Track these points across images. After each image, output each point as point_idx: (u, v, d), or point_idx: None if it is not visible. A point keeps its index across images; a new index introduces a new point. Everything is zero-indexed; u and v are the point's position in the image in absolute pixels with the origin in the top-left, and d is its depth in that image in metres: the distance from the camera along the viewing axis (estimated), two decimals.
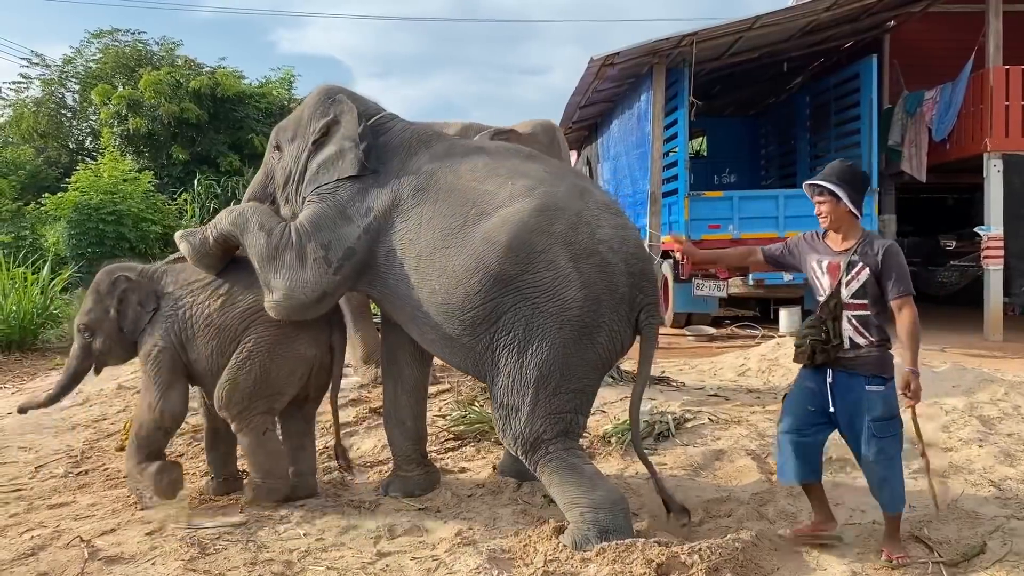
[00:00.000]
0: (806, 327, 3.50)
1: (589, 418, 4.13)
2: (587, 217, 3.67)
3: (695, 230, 10.69)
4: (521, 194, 3.69)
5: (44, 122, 23.36)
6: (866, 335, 3.39)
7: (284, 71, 23.49)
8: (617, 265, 3.61)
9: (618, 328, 3.62)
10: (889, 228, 12.27)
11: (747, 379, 7.41)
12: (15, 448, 5.50)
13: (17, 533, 3.88)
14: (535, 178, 3.81)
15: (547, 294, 3.52)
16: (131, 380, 6.95)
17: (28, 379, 8.42)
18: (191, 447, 5.18)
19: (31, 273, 10.64)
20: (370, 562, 3.46)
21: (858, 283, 3.37)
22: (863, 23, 11.80)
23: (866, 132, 11.26)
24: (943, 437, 5.10)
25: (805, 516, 3.84)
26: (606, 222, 3.70)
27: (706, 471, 4.53)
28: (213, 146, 20.72)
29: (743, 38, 10.83)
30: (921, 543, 3.54)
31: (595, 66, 10.62)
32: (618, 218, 3.81)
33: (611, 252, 3.61)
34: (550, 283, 3.52)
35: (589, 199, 3.78)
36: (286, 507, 4.08)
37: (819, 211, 3.50)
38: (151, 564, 3.46)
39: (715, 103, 14.69)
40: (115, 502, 4.28)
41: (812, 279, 3.57)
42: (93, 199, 16.35)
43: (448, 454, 4.92)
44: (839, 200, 3.43)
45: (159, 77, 20.16)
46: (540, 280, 3.52)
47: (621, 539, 3.33)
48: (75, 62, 23.90)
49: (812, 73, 14.03)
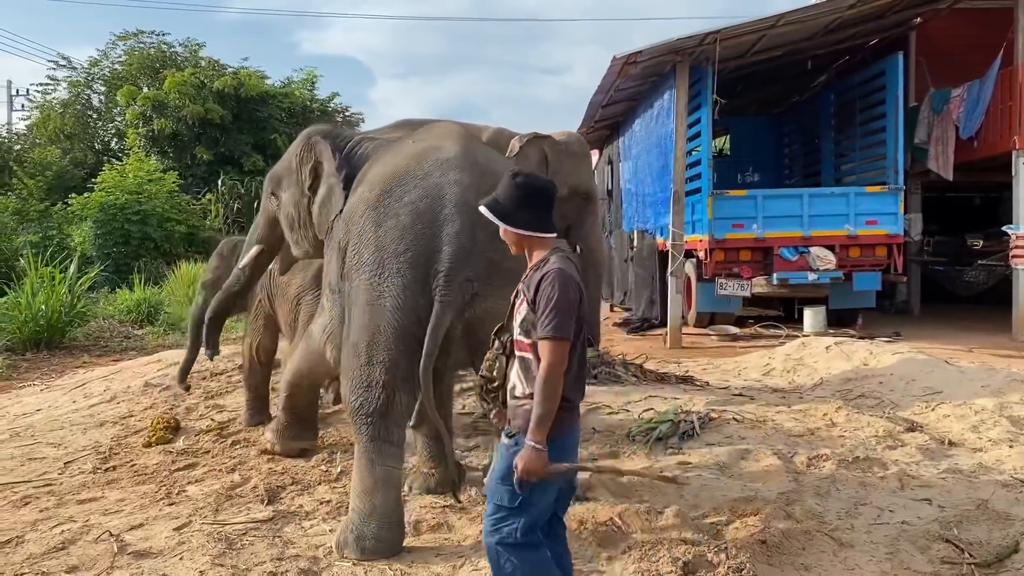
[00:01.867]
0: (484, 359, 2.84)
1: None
2: (408, 179, 3.68)
3: (718, 229, 10.62)
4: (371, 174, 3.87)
5: (71, 123, 23.66)
6: (523, 383, 2.64)
7: (307, 71, 23.72)
8: (414, 227, 3.53)
9: (400, 294, 3.48)
10: (915, 227, 12.14)
11: (772, 379, 7.37)
12: (45, 444, 5.57)
13: (48, 527, 3.93)
14: (393, 153, 3.94)
15: (354, 260, 3.64)
16: (157, 378, 7.02)
17: (56, 376, 8.52)
18: (217, 444, 5.21)
19: (59, 272, 10.76)
20: (395, 557, 3.46)
21: (519, 316, 2.67)
22: (888, 20, 11.68)
23: (891, 130, 11.15)
24: (972, 437, 5.04)
25: (833, 516, 3.80)
26: (428, 182, 3.63)
27: (732, 470, 4.49)
28: (237, 146, 20.90)
29: (766, 36, 10.76)
30: (951, 544, 3.50)
31: (617, 65, 10.58)
32: (450, 175, 3.61)
33: (412, 214, 3.56)
34: (357, 249, 3.64)
35: (426, 160, 3.74)
36: (312, 503, 4.10)
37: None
38: (179, 559, 3.48)
39: (738, 101, 14.58)
40: (142, 498, 4.32)
41: None
42: (119, 199, 16.56)
43: (473, 451, 4.92)
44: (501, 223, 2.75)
45: (183, 78, 20.36)
46: (352, 247, 3.68)
47: (375, 556, 3.40)
48: (101, 64, 24.21)
49: (836, 71, 13.90)
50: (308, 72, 23.66)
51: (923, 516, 3.80)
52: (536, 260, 2.70)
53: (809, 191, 11.24)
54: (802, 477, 4.33)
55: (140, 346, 10.52)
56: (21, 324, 9.95)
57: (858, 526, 3.69)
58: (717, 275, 10.70)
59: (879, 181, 11.19)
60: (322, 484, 4.38)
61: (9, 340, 9.77)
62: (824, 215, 10.70)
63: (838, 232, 10.65)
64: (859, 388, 6.57)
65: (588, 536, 3.51)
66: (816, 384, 6.90)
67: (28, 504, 4.34)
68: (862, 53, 13.13)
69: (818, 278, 10.50)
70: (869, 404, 6.00)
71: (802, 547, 3.46)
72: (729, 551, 3.26)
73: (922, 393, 6.17)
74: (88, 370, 8.59)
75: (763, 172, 15.30)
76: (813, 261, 10.47)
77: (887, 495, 4.06)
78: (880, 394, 6.32)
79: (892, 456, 4.67)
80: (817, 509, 3.92)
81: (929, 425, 5.36)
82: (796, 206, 10.78)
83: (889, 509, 3.92)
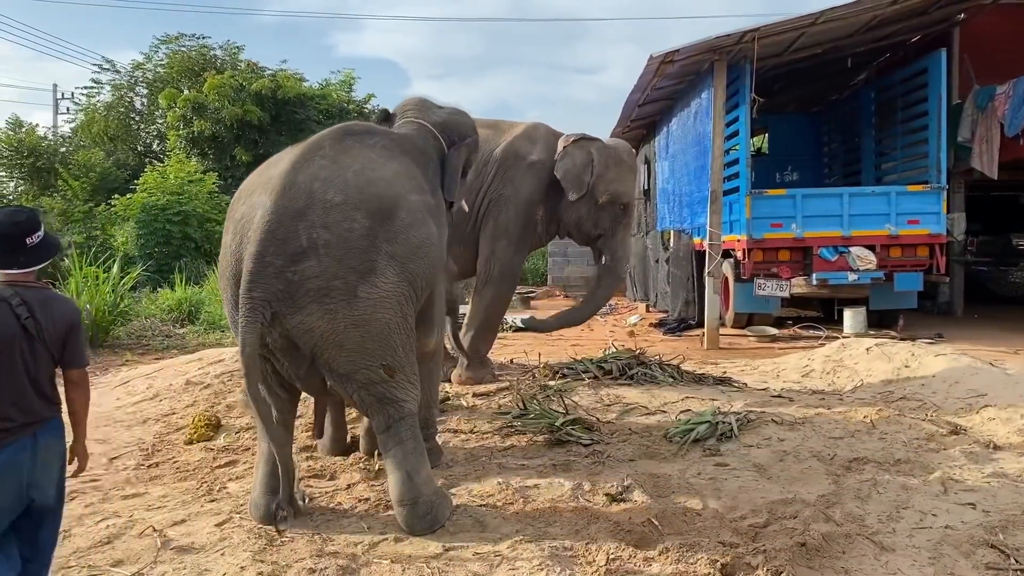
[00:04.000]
0: None
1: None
2: (242, 194, 3.89)
3: (757, 229, 10.52)
4: None
5: (114, 125, 24.12)
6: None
7: (345, 73, 23.94)
8: (231, 246, 3.75)
9: (231, 313, 3.80)
10: (958, 227, 11.94)
11: (811, 380, 7.29)
12: (91, 440, 5.63)
13: (93, 522, 4.01)
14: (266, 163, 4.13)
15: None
16: (198, 376, 7.12)
17: (100, 374, 8.68)
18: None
19: (102, 272, 10.96)
20: (433, 556, 3.48)
21: None
22: (931, 16, 11.49)
23: (934, 128, 10.95)
24: (1019, 441, 4.95)
25: (874, 519, 3.75)
26: (252, 200, 3.76)
27: (770, 472, 4.45)
28: (275, 147, 20.93)
29: (806, 34, 10.62)
30: (996, 549, 3.43)
31: (654, 64, 10.53)
32: (264, 196, 3.68)
33: (232, 232, 3.76)
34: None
35: (263, 175, 3.91)
36: (350, 501, 4.14)
37: None
38: (220, 554, 3.53)
39: (777, 100, 14.43)
40: (184, 494, 4.40)
41: None
42: (160, 200, 16.83)
43: (508, 452, 4.93)
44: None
45: (222, 80, 20.64)
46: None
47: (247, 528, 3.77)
48: (144, 67, 24.65)
49: (877, 68, 13.70)
50: (346, 74, 23.93)
51: (967, 520, 3.73)
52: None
53: (849, 190, 11.08)
54: (842, 480, 4.28)
55: (181, 345, 10.69)
56: None
57: (900, 530, 3.64)
58: (755, 275, 10.59)
59: (921, 180, 11.00)
60: (361, 483, 4.42)
61: None
62: (865, 214, 10.54)
63: (879, 232, 10.50)
64: (900, 390, 6.47)
65: (625, 537, 3.51)
66: (856, 386, 6.81)
67: (75, 499, 4.42)
68: (904, 50, 12.93)
69: (858, 278, 10.36)
70: (911, 407, 5.91)
71: (842, 550, 3.42)
72: (768, 553, 3.23)
73: (966, 396, 6.07)
74: (131, 368, 8.74)
75: (802, 171, 15.12)
76: (853, 261, 10.33)
77: (930, 499, 4.00)
78: (922, 397, 6.22)
79: (935, 459, 4.60)
80: (857, 512, 3.87)
81: (973, 428, 5.27)
82: (836, 205, 10.64)
83: (932, 513, 3.85)
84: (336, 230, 3.59)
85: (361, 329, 3.64)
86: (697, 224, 11.53)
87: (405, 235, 3.75)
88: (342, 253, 3.58)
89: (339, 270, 3.57)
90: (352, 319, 3.61)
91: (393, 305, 3.71)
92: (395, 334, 3.74)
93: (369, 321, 3.64)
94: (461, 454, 4.85)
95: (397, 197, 3.81)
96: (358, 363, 3.69)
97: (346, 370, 3.71)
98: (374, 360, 3.70)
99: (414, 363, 3.93)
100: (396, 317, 3.73)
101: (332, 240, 3.57)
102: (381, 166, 3.95)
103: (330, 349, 3.65)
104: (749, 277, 10.65)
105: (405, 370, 3.82)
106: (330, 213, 3.61)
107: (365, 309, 3.63)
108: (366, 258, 3.62)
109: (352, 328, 3.62)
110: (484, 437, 5.12)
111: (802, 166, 15.25)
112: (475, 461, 4.72)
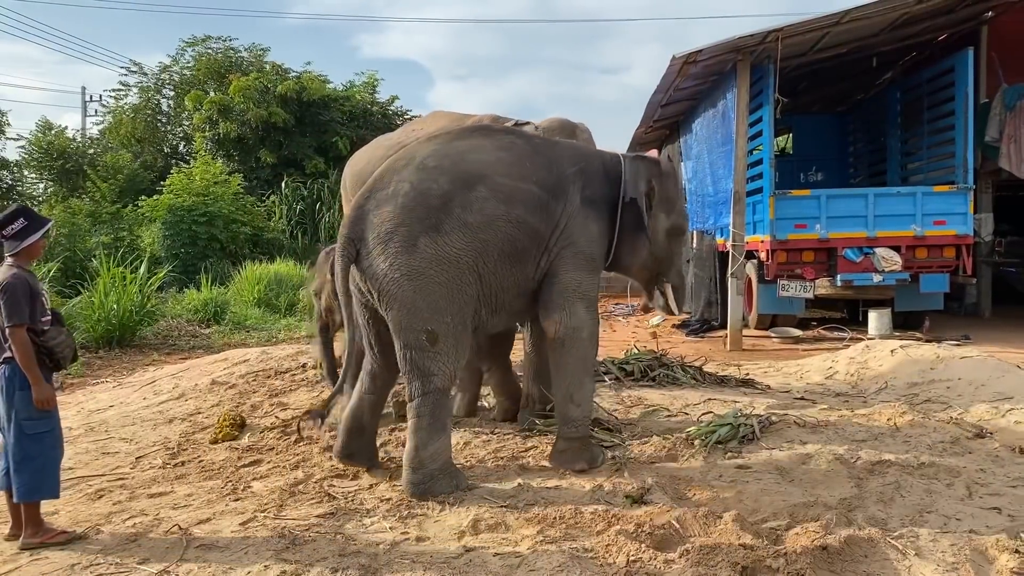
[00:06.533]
0: None
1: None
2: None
3: (781, 229, 10.44)
4: None
5: (141, 127, 24.36)
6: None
7: (368, 75, 23.95)
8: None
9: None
10: (985, 227, 11.78)
11: (835, 382, 7.24)
12: (117, 439, 5.77)
13: (120, 520, 4.08)
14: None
15: None
16: (223, 376, 7.20)
17: (127, 373, 8.80)
18: (281, 441, 5.33)
19: (129, 272, 11.10)
20: (454, 556, 3.50)
21: None
22: (958, 15, 11.36)
23: (961, 128, 10.81)
24: None
25: (896, 523, 3.73)
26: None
27: (792, 474, 4.43)
28: (299, 149, 21.26)
29: (830, 33, 10.54)
30: (1022, 555, 3.39)
31: (677, 64, 10.49)
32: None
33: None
34: None
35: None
36: (373, 501, 4.18)
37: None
38: (244, 553, 3.58)
39: (801, 99, 14.33)
40: (209, 493, 4.45)
41: None
42: (186, 201, 17.00)
43: (529, 453, 4.94)
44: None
45: (248, 82, 20.78)
46: None
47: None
48: (170, 70, 24.86)
49: (903, 67, 13.56)
50: (370, 76, 23.92)
51: (992, 525, 3.69)
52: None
53: (874, 191, 10.98)
54: (865, 483, 4.25)
55: (207, 345, 10.81)
56: (95, 323, 10.31)
57: (923, 534, 3.60)
58: (779, 276, 10.52)
59: (948, 180, 10.88)
60: (383, 482, 4.45)
61: (83, 338, 10.11)
62: (890, 215, 10.44)
63: (904, 232, 10.39)
64: (925, 393, 6.42)
65: (645, 538, 3.51)
66: (880, 388, 6.75)
67: (102, 497, 4.51)
68: (930, 49, 12.79)
69: (883, 280, 10.27)
70: (936, 409, 5.85)
71: (864, 554, 3.40)
72: (789, 557, 3.22)
73: (992, 398, 6.00)
74: (158, 368, 8.86)
75: (827, 171, 15.00)
76: (878, 262, 10.24)
77: (954, 503, 3.96)
78: (947, 399, 6.16)
79: (959, 463, 4.54)
80: (880, 516, 3.85)
81: (999, 432, 5.20)
82: (861, 206, 10.54)
83: (956, 517, 3.82)
84: (419, 185, 4.09)
85: (415, 282, 3.97)
86: (720, 225, 11.48)
87: (480, 206, 4.10)
88: (415, 204, 4.04)
89: (406, 218, 4.02)
90: (408, 269, 3.97)
91: (452, 269, 4.02)
92: (448, 300, 4.03)
93: (424, 275, 3.97)
94: (482, 454, 4.87)
95: (483, 175, 4.19)
96: (406, 321, 4.01)
97: (397, 325, 4.04)
98: (420, 320, 4.00)
99: (464, 342, 4.19)
100: (453, 282, 4.03)
101: (410, 191, 4.08)
102: (486, 152, 4.33)
103: (387, 298, 4.04)
104: (772, 278, 10.58)
105: (448, 342, 4.07)
106: (419, 172, 4.15)
107: (422, 262, 3.97)
108: (435, 215, 4.03)
109: (407, 279, 3.97)
110: (505, 438, 5.14)
111: (827, 166, 15.14)
112: (496, 461, 4.73)
